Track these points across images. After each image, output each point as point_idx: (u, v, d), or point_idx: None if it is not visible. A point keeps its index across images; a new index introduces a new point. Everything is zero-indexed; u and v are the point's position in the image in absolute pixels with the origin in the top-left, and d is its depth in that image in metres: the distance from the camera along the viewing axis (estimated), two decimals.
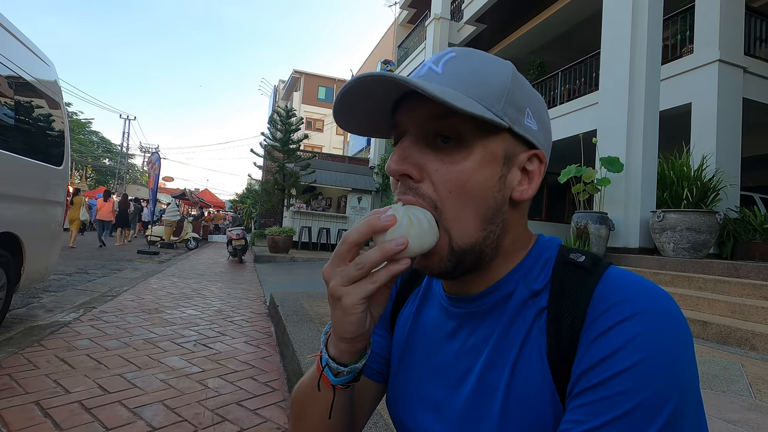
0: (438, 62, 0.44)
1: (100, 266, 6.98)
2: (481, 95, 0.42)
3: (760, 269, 3.67)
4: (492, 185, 0.43)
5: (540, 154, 0.46)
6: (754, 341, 2.68)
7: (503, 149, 0.44)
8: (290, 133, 12.20)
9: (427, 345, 0.53)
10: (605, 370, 0.36)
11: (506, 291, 0.46)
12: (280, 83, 36.66)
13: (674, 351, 0.35)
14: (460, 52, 0.45)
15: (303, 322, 2.89)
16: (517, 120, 0.44)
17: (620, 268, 0.43)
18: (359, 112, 0.46)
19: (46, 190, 3.32)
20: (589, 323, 0.39)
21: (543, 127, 0.47)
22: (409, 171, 0.43)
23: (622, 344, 0.36)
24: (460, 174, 0.42)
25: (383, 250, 0.40)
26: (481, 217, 0.43)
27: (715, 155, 5.48)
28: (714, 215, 4.63)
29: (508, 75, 0.44)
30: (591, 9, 8.32)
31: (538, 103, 0.47)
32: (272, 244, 10.04)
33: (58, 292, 4.51)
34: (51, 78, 3.48)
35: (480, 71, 0.43)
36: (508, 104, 0.43)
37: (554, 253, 0.47)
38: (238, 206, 28.54)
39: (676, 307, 0.39)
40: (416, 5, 15.56)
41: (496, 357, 0.45)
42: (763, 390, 1.99)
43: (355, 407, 0.59)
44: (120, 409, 1.89)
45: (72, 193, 10.62)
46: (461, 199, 0.42)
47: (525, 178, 0.46)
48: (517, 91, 0.44)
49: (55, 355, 2.54)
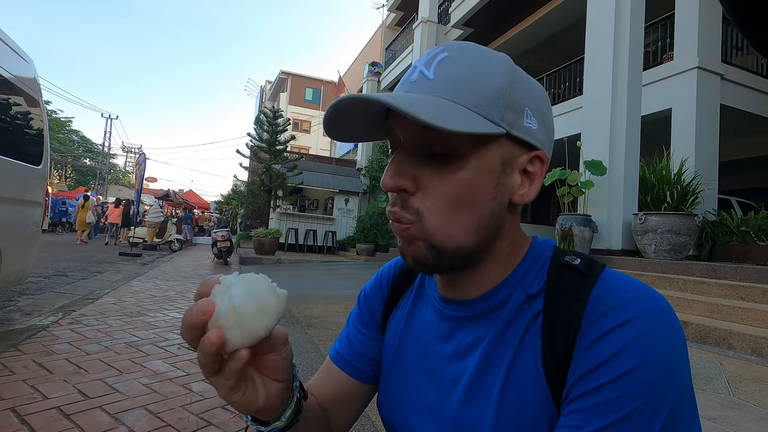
0: (430, 65, 0.42)
1: (80, 268, 6.81)
2: (475, 101, 0.40)
3: (736, 270, 3.78)
4: (487, 194, 0.42)
5: (541, 155, 0.44)
6: (731, 340, 2.76)
7: (501, 156, 0.42)
8: (277, 134, 12.13)
9: (419, 348, 0.52)
10: (602, 375, 0.36)
11: (503, 296, 0.45)
12: (267, 84, 36.37)
13: (671, 355, 0.36)
14: (452, 50, 0.43)
15: (289, 324, 2.87)
16: (515, 123, 0.42)
17: (615, 270, 0.43)
18: (350, 125, 0.45)
19: (24, 190, 3.23)
20: (585, 328, 0.38)
21: (544, 123, 0.45)
22: (404, 186, 0.42)
23: (618, 349, 0.35)
24: (453, 185, 0.41)
25: (203, 352, 0.34)
26: (474, 225, 0.42)
27: (693, 159, 5.63)
28: (693, 218, 4.75)
29: (504, 73, 0.42)
30: (575, 15, 8.48)
31: (537, 98, 0.44)
32: (258, 246, 9.94)
33: (35, 295, 4.38)
34: (30, 75, 3.39)
35: (474, 72, 0.41)
36: (505, 107, 0.41)
37: (549, 255, 0.47)
38: (224, 207, 28.21)
39: (671, 310, 0.39)
40: (404, 8, 15.63)
41: (491, 361, 0.44)
42: (741, 388, 2.04)
43: (343, 408, 0.58)
44: (101, 414, 1.84)
45: (83, 198, 13.20)
46: (452, 209, 0.41)
47: (526, 180, 0.45)
48: (514, 90, 0.42)
49: (32, 359, 2.46)
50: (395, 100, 0.37)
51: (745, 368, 2.36)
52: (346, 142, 0.48)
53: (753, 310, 2.96)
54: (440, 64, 0.42)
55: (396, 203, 0.44)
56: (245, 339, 0.33)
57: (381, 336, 0.59)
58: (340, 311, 3.43)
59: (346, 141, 0.48)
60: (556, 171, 5.59)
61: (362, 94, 0.39)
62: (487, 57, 0.43)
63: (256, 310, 0.34)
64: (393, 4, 16.11)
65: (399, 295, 0.59)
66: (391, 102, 0.36)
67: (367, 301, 0.62)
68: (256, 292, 0.34)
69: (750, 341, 2.66)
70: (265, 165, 11.75)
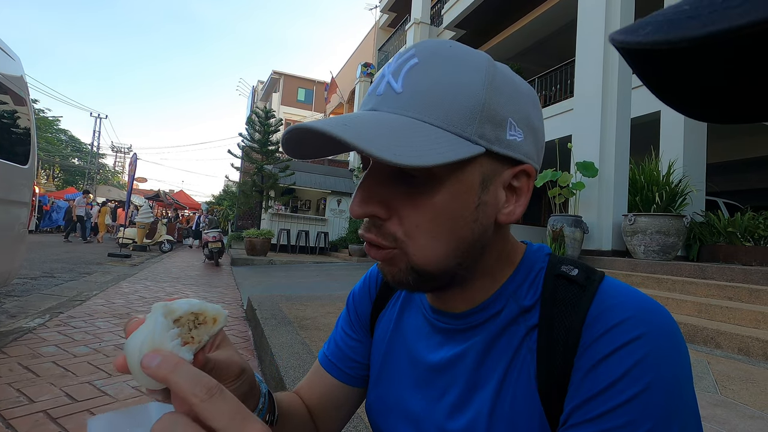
0: (398, 74, 0.38)
1: (68, 269, 6.71)
2: (448, 118, 0.36)
3: (724, 270, 3.83)
4: (466, 216, 0.38)
5: (528, 169, 0.40)
6: (719, 340, 2.80)
7: (480, 174, 0.38)
8: (269, 135, 12.06)
9: (408, 355, 0.50)
10: (606, 401, 0.33)
11: (494, 309, 0.43)
12: (259, 84, 36.19)
13: (678, 373, 0.34)
14: (423, 56, 0.38)
15: (281, 325, 2.85)
16: (496, 138, 0.38)
17: (614, 279, 0.41)
18: (310, 145, 0.41)
19: (10, 189, 3.17)
20: (585, 346, 0.36)
21: (531, 131, 0.40)
22: (374, 212, 0.39)
23: (622, 373, 0.33)
24: (428, 210, 0.38)
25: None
26: (455, 248, 0.39)
27: (682, 161, 5.71)
28: (681, 219, 4.81)
29: (482, 80, 0.37)
30: (567, 18, 8.56)
31: (523, 104, 0.40)
32: (250, 247, 9.87)
33: (21, 297, 4.30)
34: (17, 73, 3.33)
35: (446, 82, 0.37)
36: (483, 122, 0.37)
37: (544, 265, 0.44)
38: (215, 208, 27.97)
39: (675, 324, 0.36)
40: (397, 9, 15.67)
41: (481, 375, 0.42)
42: (728, 386, 2.07)
43: (331, 412, 0.57)
44: (88, 418, 1.81)
45: (101, 203, 15.96)
46: (431, 234, 0.38)
47: (511, 197, 0.41)
48: (494, 99, 0.37)
49: (18, 362, 2.42)
50: (350, 134, 0.33)
51: (733, 367, 2.40)
52: (309, 158, 0.44)
53: (740, 310, 3.01)
54: (410, 73, 0.38)
55: (370, 229, 0.40)
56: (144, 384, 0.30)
57: (369, 339, 0.58)
58: (333, 312, 3.42)
59: (309, 158, 0.44)
60: (548, 172, 5.63)
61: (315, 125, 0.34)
62: (462, 60, 0.38)
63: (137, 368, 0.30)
64: (386, 5, 16.13)
65: (387, 297, 0.57)
66: (345, 138, 0.32)
67: (356, 303, 0.61)
68: (150, 347, 0.30)
69: (737, 340, 2.70)
70: (257, 165, 11.69)
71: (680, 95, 0.18)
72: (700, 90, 0.18)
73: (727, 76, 0.16)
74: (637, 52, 0.16)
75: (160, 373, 0.28)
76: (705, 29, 0.13)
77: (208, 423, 0.26)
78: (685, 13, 0.14)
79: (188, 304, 0.34)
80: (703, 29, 0.13)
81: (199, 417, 0.26)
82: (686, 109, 0.19)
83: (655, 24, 0.15)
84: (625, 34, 0.16)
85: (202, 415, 0.26)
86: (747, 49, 0.14)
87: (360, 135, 0.33)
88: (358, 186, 0.40)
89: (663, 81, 0.18)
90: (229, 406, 0.27)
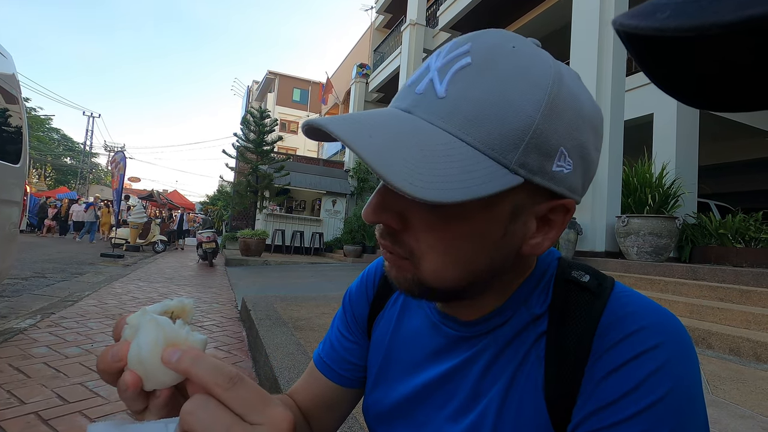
0: (444, 73, 0.33)
1: (60, 270, 6.64)
2: (489, 140, 0.32)
3: (715, 272, 3.87)
4: (487, 246, 0.36)
5: (568, 204, 0.36)
6: (710, 340, 2.82)
7: (512, 204, 0.35)
8: (264, 135, 12.03)
9: (410, 359, 0.49)
10: (623, 409, 0.33)
11: (504, 318, 0.42)
12: (254, 84, 36.06)
13: (694, 382, 0.34)
14: (478, 57, 0.33)
15: (276, 326, 2.84)
16: (540, 169, 0.33)
17: (624, 286, 0.40)
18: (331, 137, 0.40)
19: (1, 189, 3.13)
20: (597, 356, 0.35)
21: (583, 162, 0.36)
22: (387, 222, 0.37)
23: (640, 381, 0.33)
24: (447, 235, 0.35)
25: (122, 395, 0.31)
26: (467, 273, 0.36)
27: (674, 163, 5.77)
28: (674, 220, 4.86)
29: (538, 102, 0.32)
30: (562, 21, 8.62)
31: (582, 131, 0.34)
32: (244, 247, 9.83)
33: (12, 297, 4.25)
34: (9, 71, 3.30)
35: (497, 97, 0.32)
36: (528, 150, 0.32)
37: (554, 271, 0.43)
38: (209, 208, 27.83)
39: (687, 332, 0.36)
40: (392, 10, 15.68)
41: (486, 382, 0.41)
42: (719, 386, 2.09)
43: (325, 414, 0.57)
44: (80, 419, 1.79)
45: (105, 204, 15.75)
46: (447, 258, 0.35)
47: (543, 227, 0.37)
48: (547, 127, 0.32)
49: (8, 363, 2.39)
50: (370, 151, 0.30)
51: (724, 367, 2.43)
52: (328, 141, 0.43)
53: (731, 311, 3.04)
54: (458, 76, 0.33)
55: (385, 236, 0.38)
56: (158, 386, 0.30)
57: (366, 340, 0.56)
58: (328, 312, 3.42)
59: (328, 141, 0.43)
60: None
61: (338, 131, 0.31)
62: (523, 70, 0.33)
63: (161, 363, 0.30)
64: (381, 6, 16.14)
65: (386, 296, 0.55)
66: (364, 156, 0.30)
67: (352, 302, 0.58)
68: (165, 342, 0.30)
69: (728, 341, 2.73)
70: (251, 165, 11.64)
71: (690, 85, 0.16)
72: (714, 79, 0.15)
73: (756, 66, 0.14)
74: (647, 39, 0.13)
75: (182, 366, 0.28)
76: (743, 12, 0.11)
77: (232, 409, 0.27)
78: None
79: (160, 307, 0.34)
80: (741, 12, 0.11)
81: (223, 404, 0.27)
82: (696, 100, 0.16)
83: (674, 6, 0.13)
84: (636, 18, 0.13)
85: (226, 402, 0.27)
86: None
87: (380, 155, 0.30)
88: (376, 189, 0.38)
89: (673, 71, 0.15)
90: (251, 393, 0.28)
